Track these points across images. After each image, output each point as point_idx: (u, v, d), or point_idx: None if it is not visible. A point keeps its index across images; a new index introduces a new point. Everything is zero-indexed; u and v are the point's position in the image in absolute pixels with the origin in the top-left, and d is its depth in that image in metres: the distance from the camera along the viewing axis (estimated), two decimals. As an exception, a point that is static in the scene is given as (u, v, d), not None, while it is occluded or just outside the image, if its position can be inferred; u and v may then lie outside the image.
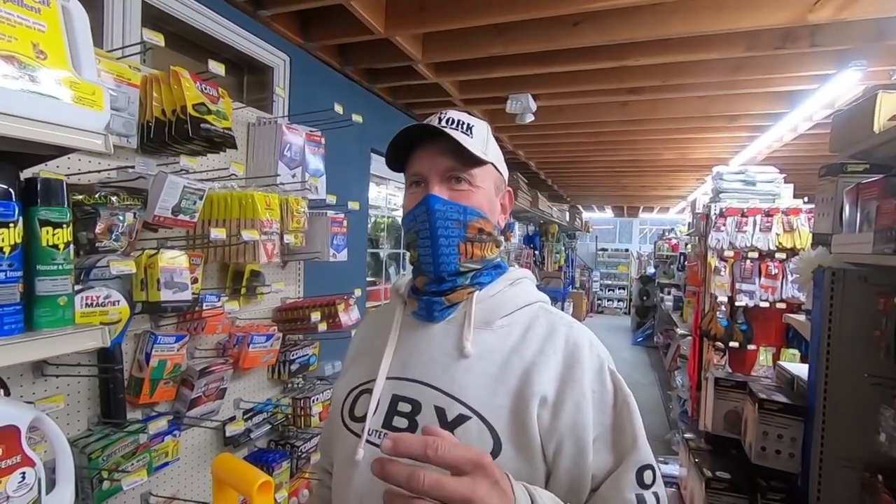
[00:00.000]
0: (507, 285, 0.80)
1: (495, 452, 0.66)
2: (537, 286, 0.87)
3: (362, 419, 0.74)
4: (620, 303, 13.03)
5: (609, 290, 13.29)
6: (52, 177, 0.76)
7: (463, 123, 0.77)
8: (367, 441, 0.72)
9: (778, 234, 3.27)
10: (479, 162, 0.76)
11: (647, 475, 0.68)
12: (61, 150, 0.80)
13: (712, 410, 2.03)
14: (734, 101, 3.17)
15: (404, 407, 0.72)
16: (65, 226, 0.75)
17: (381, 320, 0.86)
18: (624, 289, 13.13)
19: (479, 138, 0.78)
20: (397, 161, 0.82)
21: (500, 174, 0.83)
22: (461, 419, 0.68)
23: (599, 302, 13.09)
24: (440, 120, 0.78)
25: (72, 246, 0.77)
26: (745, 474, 1.77)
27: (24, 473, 0.68)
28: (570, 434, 0.68)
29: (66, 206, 0.76)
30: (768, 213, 3.32)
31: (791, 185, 3.58)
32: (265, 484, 0.99)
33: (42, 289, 0.73)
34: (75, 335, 0.74)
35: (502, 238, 0.86)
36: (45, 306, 0.73)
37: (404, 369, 0.75)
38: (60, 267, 0.74)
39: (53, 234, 0.73)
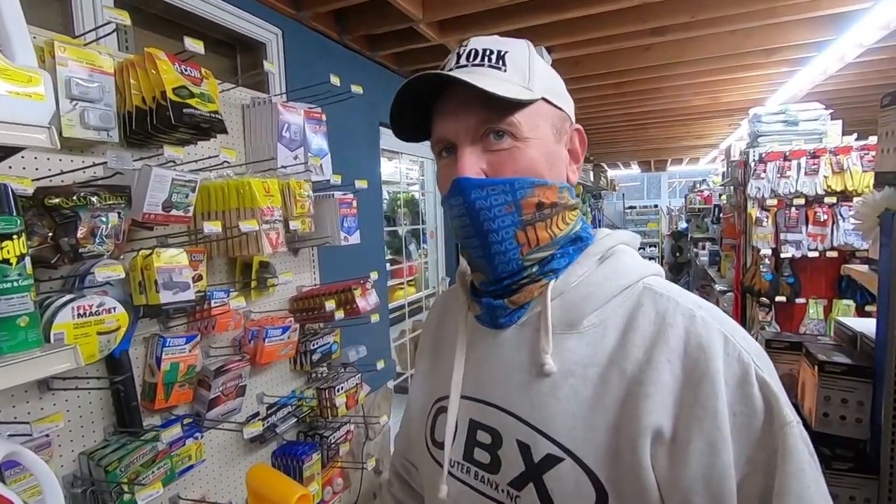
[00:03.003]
0: (594, 263, 0.58)
1: None
2: None
3: (442, 445, 0.62)
4: (652, 261, 12.67)
5: (640, 249, 12.85)
6: (-7, 182, 0.67)
7: (490, 53, 0.56)
8: (450, 474, 0.60)
9: (826, 177, 3.01)
10: (520, 104, 0.55)
11: None
12: (6, 152, 0.70)
13: (764, 375, 1.89)
14: (772, 33, 2.86)
15: (484, 437, 0.58)
16: (15, 237, 0.66)
17: (449, 311, 0.71)
18: (655, 246, 12.74)
19: (517, 68, 0.57)
20: (416, 128, 0.62)
21: (560, 109, 0.60)
22: (551, 461, 0.52)
23: (630, 261, 12.76)
24: (459, 57, 0.58)
25: (27, 259, 0.67)
26: (805, 443, 1.64)
27: (-1, 516, 0.62)
28: (702, 487, 0.47)
29: (14, 213, 0.67)
30: (814, 155, 3.05)
31: (839, 122, 3.27)
32: (303, 498, 0.92)
33: (-3, 311, 0.64)
34: (43, 359, 0.66)
35: (578, 201, 0.62)
36: (3, 330, 0.65)
37: (478, 388, 0.60)
38: (15, 284, 0.65)
39: (2, 248, 0.64)
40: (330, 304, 1.71)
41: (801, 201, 3.07)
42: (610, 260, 0.59)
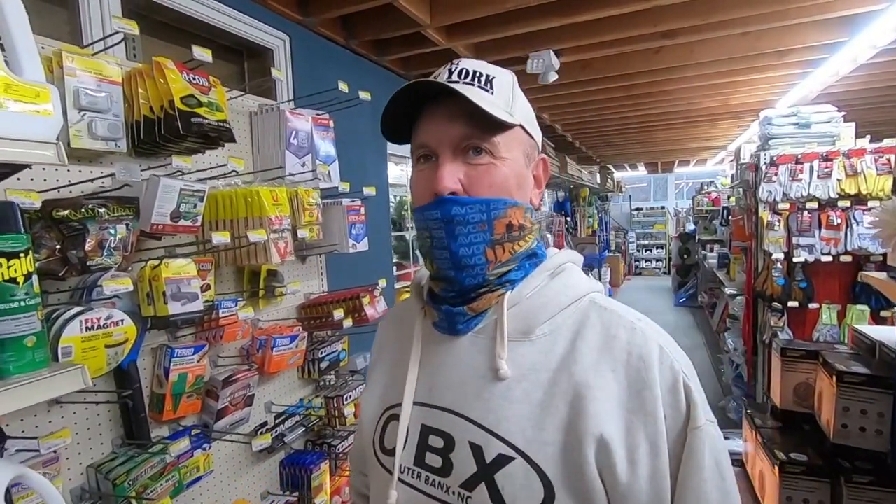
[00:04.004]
0: (546, 278, 0.63)
1: (547, 503, 0.53)
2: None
3: (393, 452, 0.63)
4: (659, 263, 12.59)
5: (647, 251, 12.84)
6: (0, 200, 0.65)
7: (480, 75, 0.61)
8: (400, 480, 0.61)
9: (839, 180, 2.96)
10: (502, 126, 0.59)
11: None
12: (13, 168, 0.69)
13: (780, 384, 1.84)
14: (785, 35, 2.82)
15: (436, 441, 0.61)
16: (22, 255, 0.64)
17: (404, 322, 0.73)
18: (662, 248, 12.66)
19: (503, 94, 0.62)
20: (398, 130, 0.65)
21: (532, 138, 0.66)
22: (502, 460, 0.55)
23: (637, 263, 12.68)
24: (451, 73, 0.61)
25: (34, 277, 0.66)
26: (822, 454, 1.59)
27: (5, 542, 0.60)
28: (647, 485, 0.53)
29: (21, 231, 0.65)
30: (827, 158, 2.99)
31: (852, 124, 3.21)
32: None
33: (4, 330, 0.63)
34: (50, 380, 0.65)
35: (537, 224, 0.68)
36: (10, 350, 0.64)
37: (431, 394, 0.63)
38: (22, 303, 0.64)
39: (9, 267, 0.63)
40: (338, 313, 1.69)
41: (814, 205, 3.02)
42: (561, 276, 0.64)
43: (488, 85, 0.60)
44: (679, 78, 3.57)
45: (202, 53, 1.27)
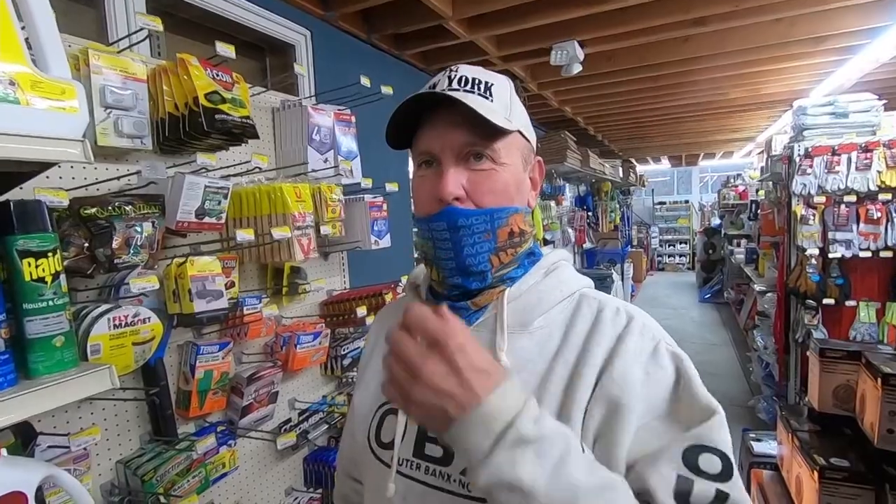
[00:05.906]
0: (541, 275, 0.67)
1: None
2: (593, 249, 0.69)
3: (390, 445, 0.64)
4: (683, 258, 12.31)
5: (670, 246, 12.55)
6: (28, 199, 0.65)
7: (479, 83, 0.62)
8: (399, 472, 0.63)
9: (880, 172, 2.82)
10: (502, 132, 0.61)
11: (706, 460, 0.51)
12: (41, 166, 0.68)
13: (818, 385, 1.77)
14: (821, 20, 2.69)
15: None
16: (50, 254, 0.64)
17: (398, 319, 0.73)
18: (686, 243, 12.37)
19: (501, 100, 0.63)
20: (400, 138, 0.66)
21: (528, 142, 0.68)
22: None
23: (660, 259, 12.43)
24: (450, 80, 0.62)
25: (62, 276, 0.65)
26: (865, 460, 1.52)
27: (36, 543, 0.60)
28: (607, 393, 0.55)
29: (49, 230, 0.65)
30: (866, 149, 2.86)
31: (893, 113, 3.06)
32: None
33: (32, 330, 0.63)
34: (78, 380, 0.64)
35: (533, 229, 0.70)
36: (39, 350, 0.63)
37: None
38: (50, 303, 0.64)
39: (37, 266, 0.62)
40: (361, 310, 1.68)
41: (852, 198, 2.89)
42: (555, 272, 0.68)
43: (487, 92, 0.62)
44: (707, 68, 3.45)
45: (225, 50, 1.26)
